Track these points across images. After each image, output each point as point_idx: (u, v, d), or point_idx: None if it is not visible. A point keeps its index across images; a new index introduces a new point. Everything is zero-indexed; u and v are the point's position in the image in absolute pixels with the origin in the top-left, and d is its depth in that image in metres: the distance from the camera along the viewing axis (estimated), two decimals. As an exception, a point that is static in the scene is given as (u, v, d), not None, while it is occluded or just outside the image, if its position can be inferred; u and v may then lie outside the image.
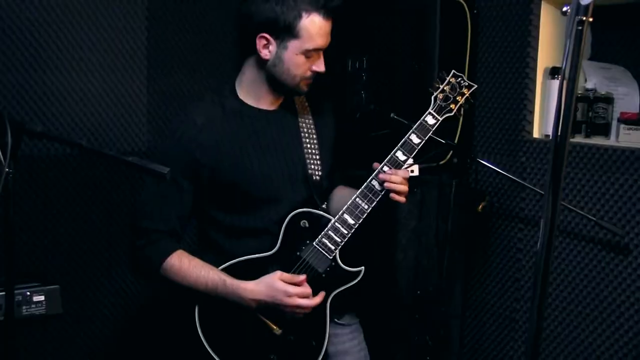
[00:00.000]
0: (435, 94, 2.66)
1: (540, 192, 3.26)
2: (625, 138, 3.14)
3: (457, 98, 2.68)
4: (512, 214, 3.50)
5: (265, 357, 2.56)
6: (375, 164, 2.59)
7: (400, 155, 2.58)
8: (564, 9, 1.64)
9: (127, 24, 3.77)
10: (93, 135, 3.70)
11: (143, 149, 3.87)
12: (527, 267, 3.45)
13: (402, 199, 2.59)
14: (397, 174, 2.55)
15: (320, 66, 2.58)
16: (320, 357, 2.60)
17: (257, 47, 2.54)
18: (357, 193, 2.58)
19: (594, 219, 3.09)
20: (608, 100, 3.28)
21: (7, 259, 2.18)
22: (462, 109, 2.71)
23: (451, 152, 3.34)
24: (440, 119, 2.63)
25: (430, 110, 2.63)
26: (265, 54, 2.54)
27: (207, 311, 2.55)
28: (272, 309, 2.51)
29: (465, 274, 3.65)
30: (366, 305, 2.91)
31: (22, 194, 3.48)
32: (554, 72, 3.36)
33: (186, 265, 2.53)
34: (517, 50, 3.41)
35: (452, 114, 2.67)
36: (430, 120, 2.62)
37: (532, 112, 3.40)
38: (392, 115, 3.16)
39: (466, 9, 3.41)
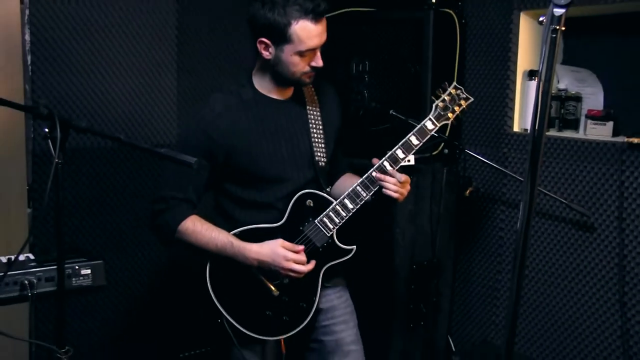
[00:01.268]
0: (436, 102, 2.61)
1: (520, 178, 3.27)
2: (592, 132, 3.16)
3: (455, 108, 2.63)
4: (495, 198, 3.50)
5: (262, 313, 2.56)
6: (375, 160, 2.57)
7: (399, 153, 2.56)
8: (540, 19, 1.65)
9: (160, 33, 3.78)
10: (130, 130, 3.72)
11: (173, 141, 3.87)
12: (508, 243, 3.46)
13: (394, 194, 2.56)
14: (394, 176, 2.54)
15: (317, 62, 2.51)
16: (309, 318, 2.61)
17: (259, 49, 2.52)
18: (358, 182, 2.57)
19: (566, 201, 3.11)
20: (577, 99, 3.30)
21: (57, 237, 2.19)
22: (458, 118, 2.67)
23: (442, 144, 3.35)
24: (439, 125, 2.60)
25: (430, 116, 2.60)
26: (266, 55, 2.51)
27: (216, 270, 2.55)
28: (271, 270, 2.52)
29: (455, 250, 3.65)
30: (362, 277, 2.91)
31: (70, 181, 3.50)
32: (531, 74, 3.37)
33: (199, 228, 2.52)
34: (500, 54, 3.41)
35: (449, 121, 2.64)
36: (429, 125, 2.58)
37: (512, 109, 3.40)
38: (391, 112, 3.17)
39: (455, 19, 3.41)
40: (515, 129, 3.42)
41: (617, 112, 3.17)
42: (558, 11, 1.57)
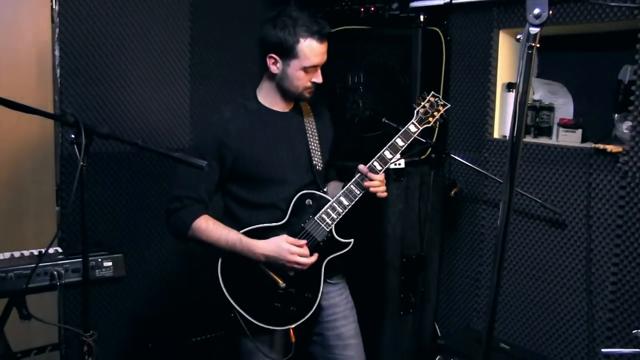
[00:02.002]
0: (417, 108, 2.68)
1: (500, 180, 3.28)
2: (563, 138, 3.17)
3: (435, 113, 2.70)
4: (477, 198, 3.51)
5: (271, 305, 2.56)
6: (361, 166, 2.61)
7: (387, 154, 2.59)
8: (518, 36, 1.66)
9: (174, 48, 3.79)
10: (147, 135, 3.72)
11: (186, 146, 3.88)
12: (489, 238, 3.47)
13: (381, 195, 2.63)
14: (375, 179, 2.58)
15: (318, 78, 2.58)
16: (314, 307, 2.62)
17: (268, 64, 2.57)
18: (352, 181, 2.59)
19: (540, 201, 3.12)
20: (550, 109, 3.31)
21: (82, 233, 2.19)
22: (438, 122, 2.73)
23: (430, 149, 3.36)
24: (421, 128, 2.67)
25: (413, 120, 2.66)
26: (273, 69, 2.56)
27: (227, 267, 2.55)
28: (277, 264, 2.52)
29: (441, 245, 3.66)
30: (357, 269, 2.91)
31: (94, 182, 3.50)
32: (509, 86, 3.37)
33: (211, 227, 2.53)
34: (481, 68, 3.43)
35: (430, 125, 2.70)
36: (412, 128, 2.65)
37: (493, 118, 3.41)
38: (383, 120, 3.17)
39: (441, 36, 3.42)
40: (496, 135, 3.43)
41: (585, 121, 3.19)
42: (534, 30, 1.58)
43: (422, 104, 2.70)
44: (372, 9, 3.52)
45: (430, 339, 3.65)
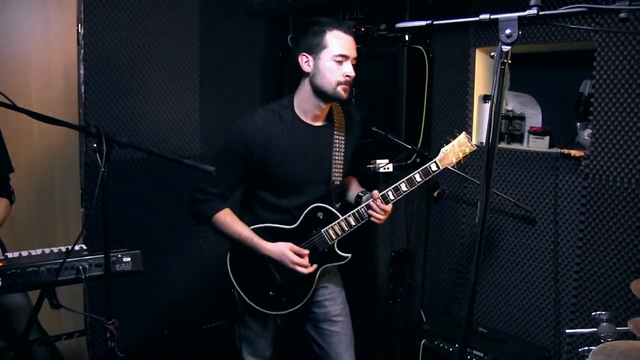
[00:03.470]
0: (445, 147, 2.51)
1: (477, 182, 3.28)
2: (533, 144, 3.18)
3: (460, 154, 2.51)
4: (457, 198, 3.52)
5: (266, 292, 2.59)
6: (375, 192, 2.54)
7: (403, 187, 2.52)
8: (492, 54, 1.68)
9: (185, 67, 3.81)
10: (161, 144, 3.73)
11: (196, 153, 3.89)
12: (468, 234, 3.47)
13: (379, 222, 2.58)
14: (385, 209, 2.54)
15: (350, 70, 2.44)
16: (303, 303, 2.64)
17: (301, 64, 2.49)
18: (363, 204, 2.56)
19: (513, 200, 3.13)
20: (522, 118, 3.32)
21: (104, 231, 2.20)
22: (459, 162, 2.53)
23: (415, 154, 3.36)
24: (441, 168, 2.51)
25: (435, 159, 2.51)
26: (306, 68, 2.48)
27: (236, 253, 2.59)
28: (279, 264, 2.55)
29: (426, 240, 3.66)
30: (351, 263, 2.90)
31: (114, 186, 3.51)
32: (485, 98, 3.38)
33: (228, 221, 2.54)
34: (460, 82, 3.43)
35: (452, 165, 2.50)
36: (433, 167, 2.51)
37: (471, 126, 3.41)
38: (373, 129, 3.18)
39: (425, 54, 3.42)
40: (473, 142, 3.42)
41: (552, 129, 3.20)
42: (506, 48, 1.59)
43: (452, 142, 2.51)
44: (363, 29, 3.53)
45: (417, 324, 3.65)
